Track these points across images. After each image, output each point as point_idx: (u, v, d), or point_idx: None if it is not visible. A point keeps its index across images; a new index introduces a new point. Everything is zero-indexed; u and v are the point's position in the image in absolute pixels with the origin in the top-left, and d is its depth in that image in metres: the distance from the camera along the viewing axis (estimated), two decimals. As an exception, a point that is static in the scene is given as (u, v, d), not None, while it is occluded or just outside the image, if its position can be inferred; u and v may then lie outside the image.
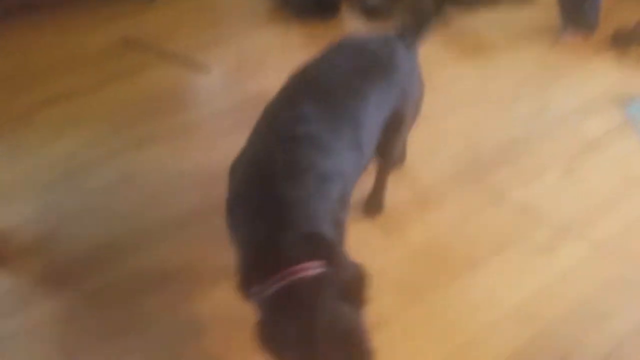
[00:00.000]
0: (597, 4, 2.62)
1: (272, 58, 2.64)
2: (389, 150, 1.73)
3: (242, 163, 1.39)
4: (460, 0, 2.95)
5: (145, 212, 1.94)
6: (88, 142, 2.19)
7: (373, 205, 1.93)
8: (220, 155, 2.13)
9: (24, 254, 1.80)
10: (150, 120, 2.30)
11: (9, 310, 1.65)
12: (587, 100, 2.39)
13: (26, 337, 1.59)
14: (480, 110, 2.36)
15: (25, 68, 2.55)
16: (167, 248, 1.83)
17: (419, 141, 2.19)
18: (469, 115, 2.33)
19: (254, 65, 2.59)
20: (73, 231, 1.88)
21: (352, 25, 2.88)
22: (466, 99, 2.41)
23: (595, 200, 2.01)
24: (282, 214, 1.20)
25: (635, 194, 2.04)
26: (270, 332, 1.12)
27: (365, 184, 1.88)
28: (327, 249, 1.19)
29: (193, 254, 1.81)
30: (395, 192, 2.00)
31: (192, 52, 2.63)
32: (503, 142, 2.22)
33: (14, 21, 2.74)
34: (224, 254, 1.43)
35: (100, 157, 2.13)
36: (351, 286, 1.15)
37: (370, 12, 2.89)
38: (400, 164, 2.04)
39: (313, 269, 1.14)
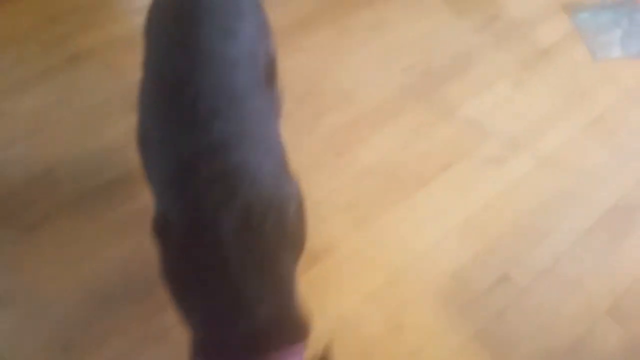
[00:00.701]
0: None
1: None
2: None
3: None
4: None
5: (83, 135, 1.82)
6: (14, 63, 1.99)
7: None
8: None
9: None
10: (80, 35, 2.10)
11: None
12: (537, 6, 2.32)
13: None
14: (431, 21, 2.26)
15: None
16: (109, 171, 1.73)
17: (370, 56, 2.11)
18: (419, 27, 2.23)
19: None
20: (6, 159, 1.75)
21: None
22: (416, 10, 2.29)
23: (542, 113, 2.00)
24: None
25: (580, 107, 2.04)
26: None
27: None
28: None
29: (136, 170, 1.71)
30: (345, 110, 1.93)
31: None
32: (454, 53, 2.15)
33: None
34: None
35: (29, 78, 1.95)
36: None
37: None
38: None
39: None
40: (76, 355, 1.40)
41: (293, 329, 1.01)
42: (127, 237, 1.59)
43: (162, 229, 1.00)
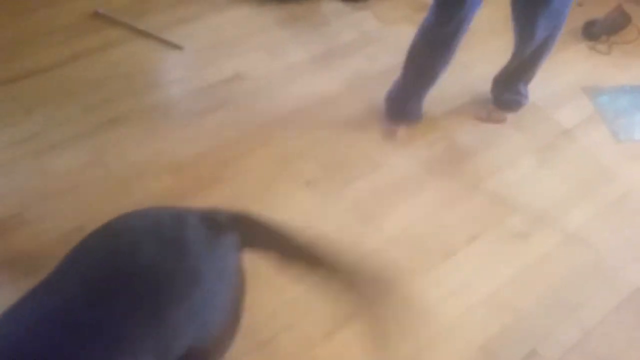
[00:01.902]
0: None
1: (248, 38, 2.52)
2: None
3: None
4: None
5: (114, 197, 1.83)
6: (56, 122, 2.05)
7: None
8: (190, 138, 2.05)
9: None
10: (120, 100, 2.17)
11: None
12: (559, 90, 2.35)
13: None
14: (459, 101, 2.30)
15: (-9, 41, 2.38)
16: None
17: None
18: (448, 105, 2.27)
19: (228, 45, 2.47)
20: (38, 215, 1.76)
21: (330, 4, 2.76)
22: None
23: (567, 190, 1.99)
24: None
25: (603, 184, 2.02)
26: None
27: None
28: None
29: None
30: (372, 180, 1.94)
31: (166, 29, 2.49)
32: (478, 129, 2.17)
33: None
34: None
35: (69, 137, 2.00)
36: None
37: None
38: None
39: None
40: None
41: None
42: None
43: None
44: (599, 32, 2.62)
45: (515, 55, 2.03)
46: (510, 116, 2.21)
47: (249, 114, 2.17)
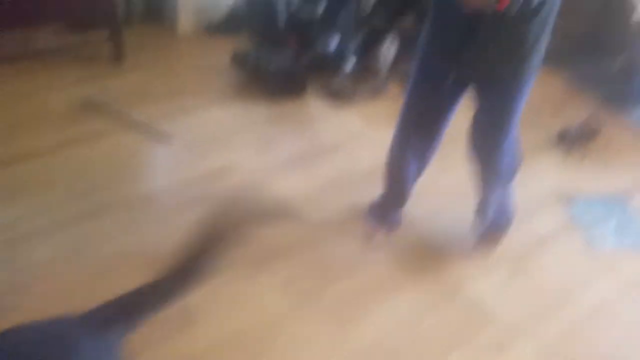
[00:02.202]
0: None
1: (236, 133, 2.59)
2: None
3: None
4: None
5: (84, 290, 1.80)
6: (38, 210, 2.05)
7: None
8: (171, 232, 2.04)
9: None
10: (104, 190, 2.19)
11: None
12: (534, 197, 2.41)
13: None
14: (438, 200, 2.35)
15: (-19, 126, 2.42)
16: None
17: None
18: (426, 206, 2.32)
19: (217, 139, 2.54)
20: (3, 306, 1.72)
21: (317, 105, 2.87)
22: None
23: (542, 300, 1.99)
24: None
25: (579, 295, 2.03)
26: None
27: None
28: None
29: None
30: (349, 283, 1.94)
31: (156, 121, 2.56)
32: (453, 234, 2.20)
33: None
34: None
35: (48, 226, 1.99)
36: None
37: (335, 94, 2.90)
38: None
39: None
40: None
41: None
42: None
43: None
44: (573, 141, 2.73)
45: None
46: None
47: (231, 209, 2.19)
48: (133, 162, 2.37)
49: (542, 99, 3.04)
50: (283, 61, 2.88)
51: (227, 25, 3.33)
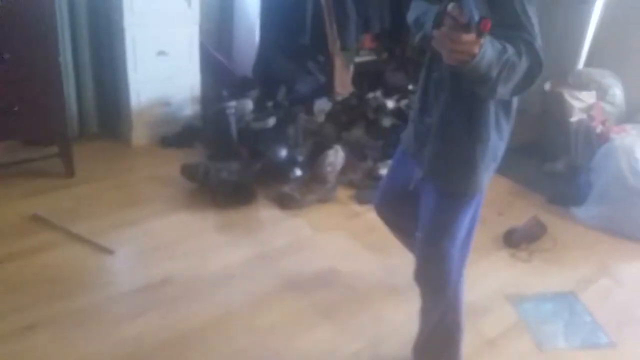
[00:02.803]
0: None
1: (183, 243, 2.58)
2: None
3: None
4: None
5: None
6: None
7: None
8: (108, 349, 1.96)
9: None
10: (43, 304, 2.12)
11: None
12: (482, 297, 2.40)
13: None
14: (383, 302, 2.32)
15: None
16: None
17: (320, 337, 2.10)
18: (370, 309, 2.28)
19: (163, 250, 2.51)
20: None
21: (267, 212, 2.90)
22: (370, 293, 2.38)
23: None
24: None
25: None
26: None
27: None
28: None
29: None
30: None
31: (102, 233, 2.54)
32: (404, 341, 2.15)
33: None
34: None
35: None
36: None
37: (284, 200, 2.94)
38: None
39: None
40: None
41: None
42: None
43: None
44: (519, 241, 2.77)
45: None
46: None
47: (175, 319, 2.12)
48: (75, 276, 2.32)
49: (487, 201, 3.13)
50: (233, 171, 2.94)
51: (180, 138, 3.43)
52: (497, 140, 1.59)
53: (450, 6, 1.15)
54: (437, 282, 1.75)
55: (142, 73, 3.24)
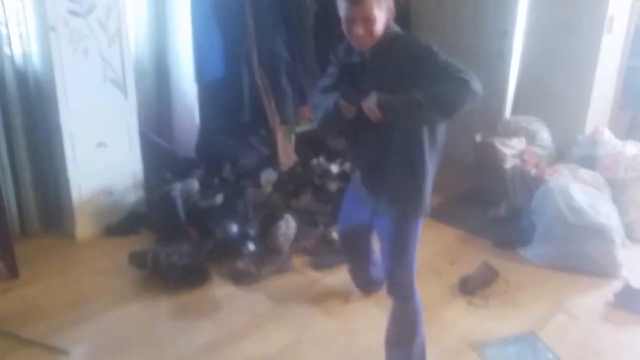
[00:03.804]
0: None
1: (138, 334, 2.49)
2: None
3: None
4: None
5: None
6: None
7: None
8: None
9: None
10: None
11: None
12: (446, 348, 2.41)
13: None
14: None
15: None
16: None
17: None
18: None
19: (118, 344, 2.42)
20: None
21: (223, 290, 2.85)
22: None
23: None
24: None
25: None
26: None
27: None
28: None
29: None
30: None
31: (54, 333, 2.45)
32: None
33: None
34: None
35: None
36: None
37: (239, 276, 2.90)
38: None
39: None
40: None
41: None
42: None
43: None
44: (474, 288, 2.83)
45: None
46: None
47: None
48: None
49: (439, 252, 3.21)
50: (183, 254, 2.91)
51: (126, 226, 3.37)
52: (432, 174, 2.01)
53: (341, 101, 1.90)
54: (407, 292, 2.12)
55: (82, 165, 3.21)
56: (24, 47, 3.13)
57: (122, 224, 3.39)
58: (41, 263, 3.02)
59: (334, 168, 3.84)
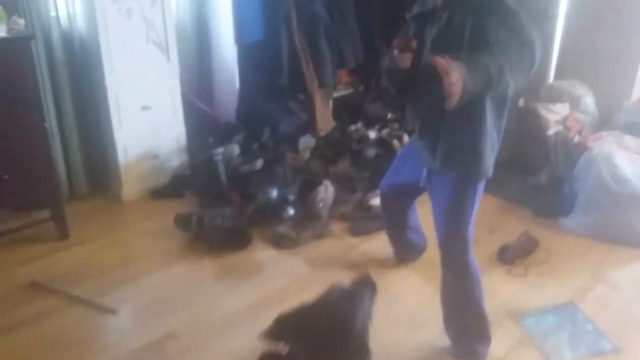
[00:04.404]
0: None
1: (184, 294, 2.57)
2: None
3: None
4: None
5: None
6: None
7: None
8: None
9: None
10: None
11: None
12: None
13: None
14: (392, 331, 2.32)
15: None
16: None
17: None
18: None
19: (164, 303, 2.50)
20: None
21: (264, 254, 2.90)
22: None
23: None
24: None
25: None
26: None
27: None
28: None
29: None
30: None
31: (102, 293, 2.53)
32: None
33: None
34: None
35: None
36: None
37: (279, 240, 2.94)
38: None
39: None
40: None
41: None
42: None
43: None
44: (513, 257, 2.80)
45: None
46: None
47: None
48: (78, 340, 2.29)
49: (478, 221, 3.17)
50: (226, 217, 2.96)
51: (170, 189, 3.44)
52: (495, 133, 1.91)
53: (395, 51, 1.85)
54: (461, 264, 2.06)
55: (127, 129, 3.27)
56: (69, 9, 3.16)
57: (167, 187, 3.46)
58: (90, 225, 3.12)
59: (372, 134, 3.81)
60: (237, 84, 3.86)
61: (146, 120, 3.33)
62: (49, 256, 2.83)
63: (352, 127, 3.90)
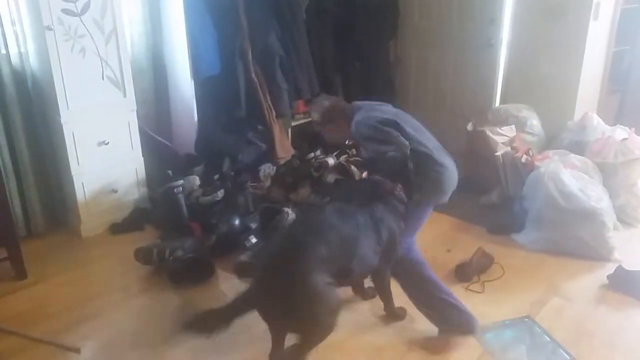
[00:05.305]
0: None
1: (147, 329, 2.51)
2: None
3: None
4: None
5: None
6: None
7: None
8: None
9: None
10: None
11: None
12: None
13: None
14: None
15: None
16: None
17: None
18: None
19: (127, 340, 2.43)
20: None
21: (228, 284, 2.86)
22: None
23: None
24: None
25: None
26: None
27: None
28: None
29: None
30: None
31: (66, 331, 2.45)
32: None
33: None
34: None
35: None
36: None
37: (243, 269, 2.91)
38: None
39: None
40: None
41: None
42: None
43: None
44: (470, 274, 2.86)
45: None
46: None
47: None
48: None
49: (435, 239, 3.24)
50: (188, 248, 2.92)
51: (130, 223, 3.38)
52: None
53: None
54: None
55: (85, 165, 3.21)
56: (20, 47, 3.12)
57: (127, 221, 3.40)
58: (48, 262, 3.03)
59: (331, 160, 3.85)
60: (195, 117, 3.85)
61: (104, 155, 3.28)
62: (5, 296, 2.73)
63: (311, 155, 3.93)
